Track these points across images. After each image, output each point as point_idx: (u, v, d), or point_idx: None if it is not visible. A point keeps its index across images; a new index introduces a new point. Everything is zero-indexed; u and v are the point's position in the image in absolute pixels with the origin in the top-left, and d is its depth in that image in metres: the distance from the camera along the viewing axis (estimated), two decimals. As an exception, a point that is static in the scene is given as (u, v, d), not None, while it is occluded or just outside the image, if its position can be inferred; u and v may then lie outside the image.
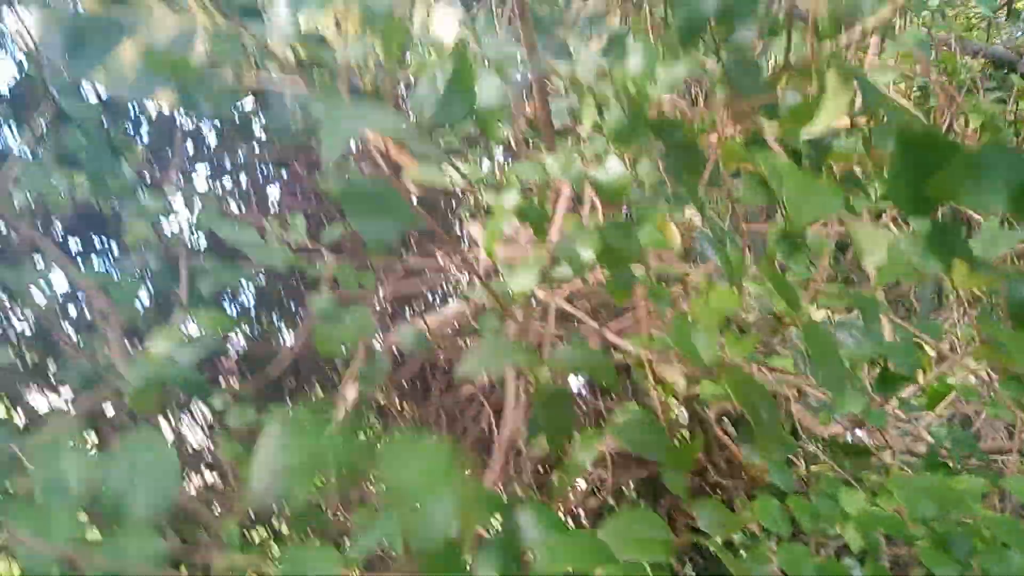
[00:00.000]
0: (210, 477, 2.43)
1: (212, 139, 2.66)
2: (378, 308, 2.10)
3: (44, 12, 1.26)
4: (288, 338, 3.08)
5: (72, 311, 2.06)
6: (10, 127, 1.89)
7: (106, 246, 2.75)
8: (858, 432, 1.59)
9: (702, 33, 0.67)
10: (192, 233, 1.90)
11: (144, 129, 2.50)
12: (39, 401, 2.39)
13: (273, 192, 2.75)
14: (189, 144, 2.53)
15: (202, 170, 2.64)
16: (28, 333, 2.56)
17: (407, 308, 2.58)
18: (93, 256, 2.71)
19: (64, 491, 0.53)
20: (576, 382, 2.19)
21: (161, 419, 2.09)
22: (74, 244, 2.46)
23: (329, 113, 0.40)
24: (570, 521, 2.68)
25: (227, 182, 2.73)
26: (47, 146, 1.23)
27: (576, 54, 0.76)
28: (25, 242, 1.33)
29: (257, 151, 2.62)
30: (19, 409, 2.26)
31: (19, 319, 2.04)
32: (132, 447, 0.54)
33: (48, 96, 2.25)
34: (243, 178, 2.68)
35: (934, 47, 1.03)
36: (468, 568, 0.38)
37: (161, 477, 0.53)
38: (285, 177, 2.76)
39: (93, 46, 1.33)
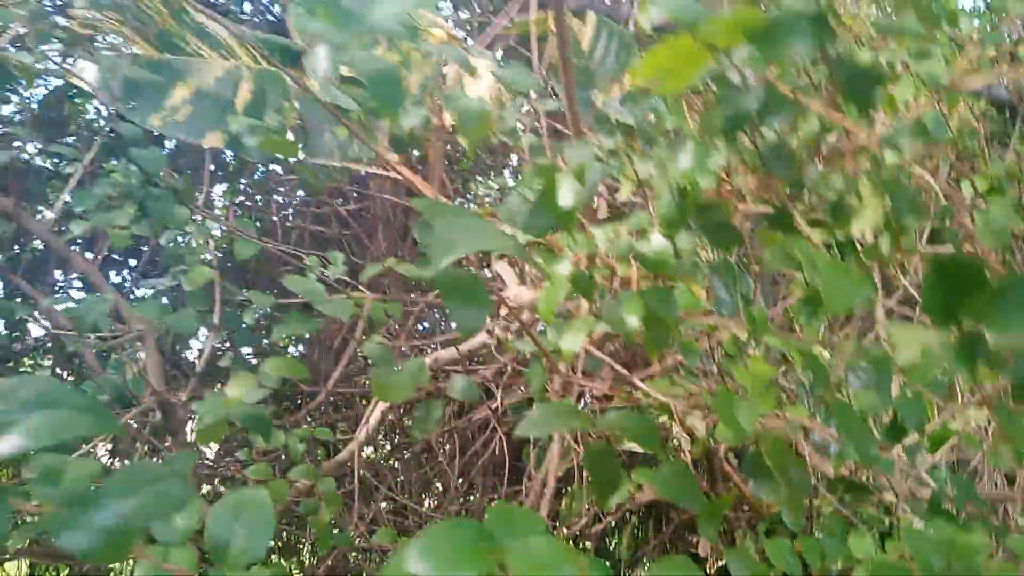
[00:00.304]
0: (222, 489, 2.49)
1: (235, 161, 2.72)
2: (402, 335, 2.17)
3: (103, 62, 1.33)
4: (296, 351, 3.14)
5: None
6: (51, 151, 1.96)
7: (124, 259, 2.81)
8: (861, 470, 1.65)
9: (745, 126, 0.74)
10: (220, 256, 1.96)
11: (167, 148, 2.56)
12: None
13: (297, 218, 2.81)
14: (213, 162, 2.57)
15: (228, 191, 2.70)
16: (48, 344, 2.62)
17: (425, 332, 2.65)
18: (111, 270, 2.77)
19: (175, 531, 0.60)
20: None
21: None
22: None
23: (442, 232, 0.47)
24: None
25: (251, 202, 2.80)
26: (101, 181, 1.30)
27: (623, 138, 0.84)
28: (75, 267, 1.39)
29: (282, 176, 2.69)
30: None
31: (40, 327, 2.10)
32: (236, 498, 0.60)
33: (84, 123, 2.31)
34: (266, 203, 2.74)
35: (948, 123, 1.10)
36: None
37: (259, 527, 0.60)
38: (305, 199, 2.82)
39: (149, 93, 1.41)
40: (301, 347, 3.14)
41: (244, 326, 2.22)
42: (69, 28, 1.25)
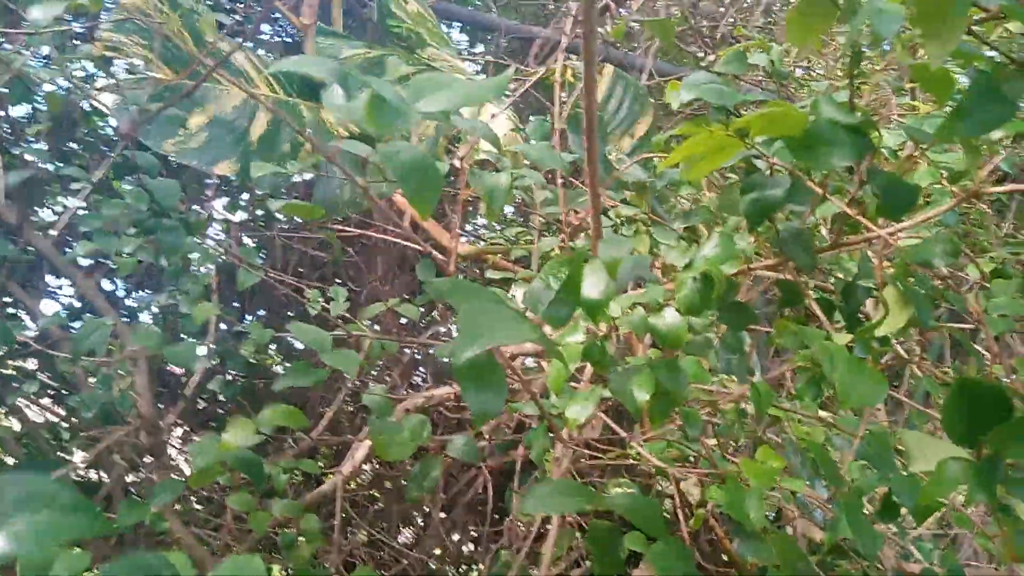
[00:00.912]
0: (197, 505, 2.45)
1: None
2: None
3: (123, 90, 1.33)
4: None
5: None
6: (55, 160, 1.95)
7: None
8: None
9: (769, 217, 0.74)
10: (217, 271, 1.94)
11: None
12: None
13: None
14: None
15: (229, 206, 2.69)
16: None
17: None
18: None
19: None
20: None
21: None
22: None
23: (468, 321, 0.47)
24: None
25: (252, 219, 2.78)
26: (109, 203, 1.29)
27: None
28: (76, 286, 1.37)
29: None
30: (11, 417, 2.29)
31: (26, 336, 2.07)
32: (232, 567, 0.59)
33: (93, 131, 2.30)
34: (267, 222, 2.73)
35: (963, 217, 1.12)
36: None
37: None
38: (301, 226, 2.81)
39: (165, 119, 1.40)
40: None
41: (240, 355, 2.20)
42: (92, 50, 1.25)
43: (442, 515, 2.51)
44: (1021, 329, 1.58)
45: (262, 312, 2.82)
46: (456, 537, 2.61)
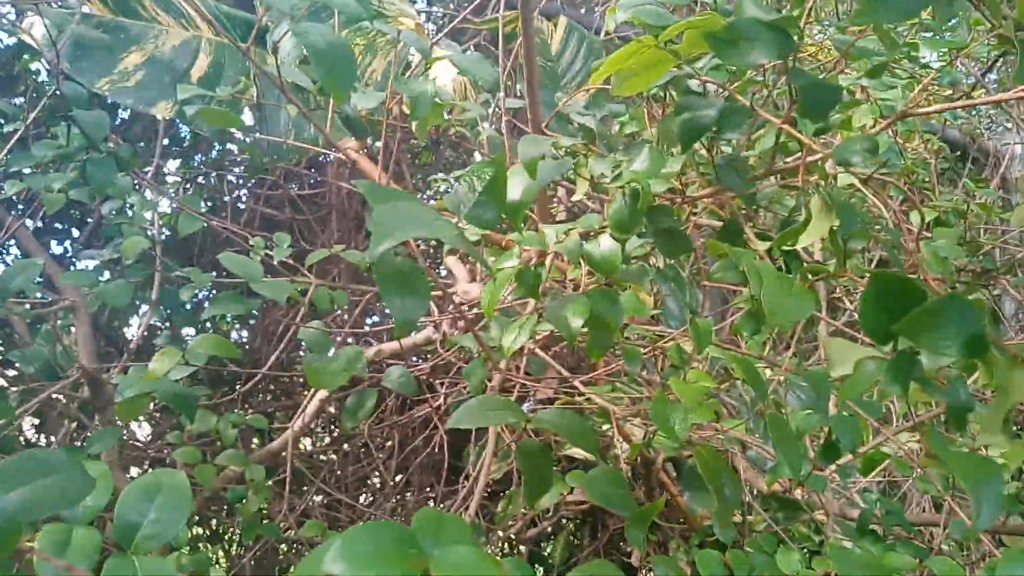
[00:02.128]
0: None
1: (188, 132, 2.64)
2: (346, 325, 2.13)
3: (51, 17, 1.27)
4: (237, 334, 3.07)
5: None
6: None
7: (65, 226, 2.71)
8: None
9: (702, 137, 0.73)
10: (166, 234, 1.90)
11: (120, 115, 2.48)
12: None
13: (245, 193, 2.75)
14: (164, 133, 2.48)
15: (176, 162, 2.63)
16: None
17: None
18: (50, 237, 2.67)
19: (81, 514, 0.57)
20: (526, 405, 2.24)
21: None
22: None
23: (382, 216, 0.45)
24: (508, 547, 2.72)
25: (204, 179, 2.73)
26: (41, 143, 1.24)
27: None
28: (7, 229, 1.33)
29: (234, 153, 2.63)
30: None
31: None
32: (150, 480, 0.57)
33: (33, 79, 2.23)
34: (220, 182, 2.67)
35: (902, 152, 1.13)
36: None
37: (174, 511, 0.57)
38: (260, 180, 2.76)
39: (99, 55, 1.35)
40: (245, 333, 3.06)
41: (185, 306, 2.16)
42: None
43: (398, 476, 2.51)
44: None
45: (212, 274, 2.76)
46: (412, 497, 2.61)
